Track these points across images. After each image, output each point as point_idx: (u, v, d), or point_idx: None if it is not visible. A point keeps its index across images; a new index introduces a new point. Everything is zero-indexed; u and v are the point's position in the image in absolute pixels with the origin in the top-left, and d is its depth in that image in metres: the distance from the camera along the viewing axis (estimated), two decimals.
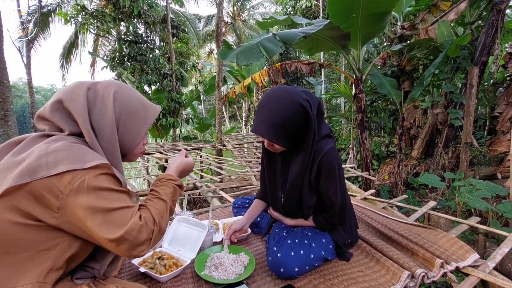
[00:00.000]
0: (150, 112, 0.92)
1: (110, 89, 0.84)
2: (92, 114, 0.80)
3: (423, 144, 5.34)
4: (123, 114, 0.85)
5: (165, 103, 8.31)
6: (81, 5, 7.61)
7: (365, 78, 4.41)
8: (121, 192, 0.77)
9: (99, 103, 0.82)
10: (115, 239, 0.71)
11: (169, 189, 0.91)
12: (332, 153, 1.11)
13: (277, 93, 1.05)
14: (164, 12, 8.36)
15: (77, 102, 0.79)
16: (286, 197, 1.22)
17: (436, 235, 1.38)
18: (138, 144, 0.91)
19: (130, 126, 0.87)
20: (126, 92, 0.87)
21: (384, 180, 5.25)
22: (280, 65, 4.56)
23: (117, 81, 0.90)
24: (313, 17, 11.71)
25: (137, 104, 0.88)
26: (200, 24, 16.31)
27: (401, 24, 5.07)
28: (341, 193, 1.13)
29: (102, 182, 0.73)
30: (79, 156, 0.71)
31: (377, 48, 7.28)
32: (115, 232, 0.71)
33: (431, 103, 5.31)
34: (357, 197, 2.15)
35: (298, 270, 1.09)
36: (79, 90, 0.81)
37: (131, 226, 0.74)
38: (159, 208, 0.84)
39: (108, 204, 0.72)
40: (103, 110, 0.81)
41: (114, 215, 0.73)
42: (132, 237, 0.74)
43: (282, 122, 1.02)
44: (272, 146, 1.12)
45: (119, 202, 0.75)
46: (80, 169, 0.70)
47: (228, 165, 4.02)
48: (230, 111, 19.06)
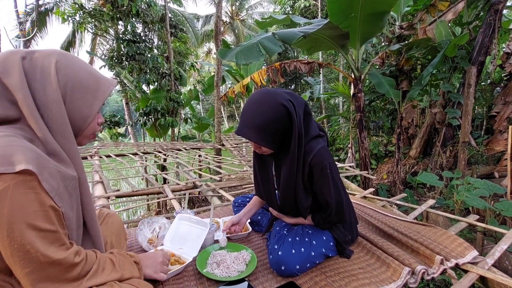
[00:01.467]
0: (103, 86, 0.79)
1: (51, 59, 0.71)
2: (32, 88, 0.68)
3: (421, 143, 5.37)
4: (69, 88, 0.72)
5: (163, 102, 8.29)
6: (79, 4, 7.57)
7: (364, 78, 4.43)
8: (50, 209, 0.64)
9: (39, 75, 0.69)
10: (36, 263, 0.61)
11: (121, 257, 0.83)
12: (323, 153, 1.10)
13: (259, 95, 1.05)
14: (162, 11, 8.34)
15: (12, 75, 0.66)
16: (281, 199, 1.23)
17: (436, 232, 1.39)
18: (90, 123, 0.78)
19: (78, 101, 0.74)
20: (72, 63, 0.75)
21: (382, 179, 5.27)
22: (279, 64, 4.56)
23: (60, 50, 0.77)
24: (312, 16, 11.73)
25: (86, 76, 0.76)
26: (199, 24, 16.29)
27: (400, 24, 5.09)
28: (336, 192, 1.12)
29: (30, 194, 0.61)
30: (5, 155, 0.59)
31: (376, 48, 7.31)
32: (38, 255, 0.61)
33: (429, 103, 5.34)
34: (356, 196, 2.16)
35: (299, 267, 1.10)
36: (12, 59, 0.67)
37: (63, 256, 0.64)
38: (105, 265, 0.77)
39: (32, 221, 0.61)
40: (44, 83, 0.69)
41: (38, 237, 0.62)
42: (54, 270, 0.64)
43: (264, 124, 1.02)
44: (260, 148, 1.12)
45: (46, 222, 0.63)
46: (5, 173, 0.58)
47: (227, 164, 4.02)
48: (229, 111, 19.06)
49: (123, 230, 1.20)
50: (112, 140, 10.34)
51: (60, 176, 0.68)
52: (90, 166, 3.75)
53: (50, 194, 0.64)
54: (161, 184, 2.76)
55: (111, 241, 1.07)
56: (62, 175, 0.69)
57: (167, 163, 4.93)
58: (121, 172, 3.52)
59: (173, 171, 4.01)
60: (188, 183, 2.85)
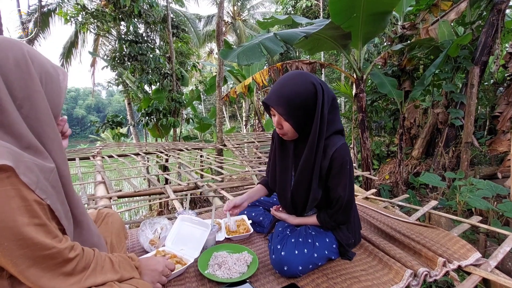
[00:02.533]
0: (60, 73, 0.77)
1: (23, 49, 0.68)
2: (7, 81, 0.64)
3: (424, 143, 5.35)
4: (43, 80, 0.70)
5: (165, 102, 8.30)
6: (81, 5, 7.60)
7: (366, 78, 4.42)
8: (34, 203, 0.63)
9: (14, 66, 0.65)
10: (32, 257, 0.61)
11: (121, 258, 0.83)
12: (344, 149, 1.13)
13: (293, 72, 1.13)
14: (164, 12, 8.35)
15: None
16: (294, 186, 1.22)
17: (438, 234, 1.39)
18: (57, 119, 0.75)
19: (51, 92, 0.72)
20: (38, 53, 0.72)
21: (384, 179, 5.25)
22: (281, 64, 4.56)
23: (20, 40, 0.75)
24: (314, 16, 11.71)
25: (50, 65, 0.74)
26: (200, 24, 16.32)
27: (402, 23, 5.07)
28: (350, 190, 1.15)
29: (9, 190, 0.59)
30: None
31: (378, 48, 7.29)
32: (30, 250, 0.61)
33: (432, 103, 5.32)
34: (358, 197, 2.15)
35: (302, 268, 1.10)
36: None
37: (56, 247, 0.64)
38: (104, 263, 0.76)
39: (18, 217, 0.59)
40: (22, 74, 0.65)
41: (27, 231, 0.61)
42: (49, 262, 0.64)
43: (290, 95, 1.06)
44: (281, 127, 1.13)
45: (31, 216, 0.62)
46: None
47: (229, 164, 4.03)
48: (230, 111, 19.06)
49: (123, 229, 1.20)
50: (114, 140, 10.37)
51: (38, 169, 0.65)
52: (92, 166, 3.77)
53: (31, 187, 0.62)
54: (163, 185, 2.76)
55: (111, 240, 1.07)
56: (40, 167, 0.66)
57: (169, 164, 4.94)
58: (123, 172, 3.53)
59: (175, 172, 4.02)
60: (189, 184, 2.86)
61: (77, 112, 46.50)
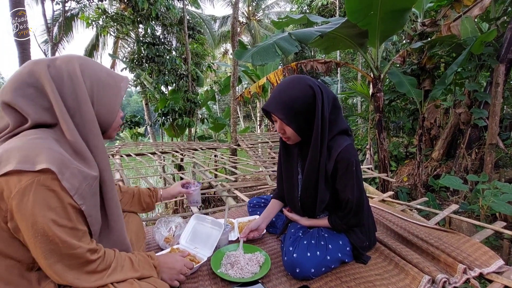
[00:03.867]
0: (119, 81, 0.85)
1: (74, 63, 0.77)
2: (62, 93, 0.73)
3: (445, 145, 5.14)
4: (95, 88, 0.79)
5: (181, 103, 8.46)
6: (102, 9, 7.89)
7: (384, 77, 4.31)
8: (69, 207, 0.69)
9: (67, 79, 0.74)
10: (60, 252, 0.68)
11: (141, 257, 0.88)
12: (350, 149, 1.10)
13: (290, 77, 1.13)
14: (180, 14, 8.51)
15: (43, 83, 0.72)
16: (302, 189, 1.21)
17: (459, 239, 1.33)
18: (116, 117, 0.86)
19: (104, 99, 0.80)
20: (91, 65, 0.81)
21: (402, 182, 5.10)
22: (296, 64, 4.53)
23: (76, 54, 0.83)
24: (329, 15, 11.54)
25: (105, 75, 0.82)
26: (216, 25, 16.49)
27: (422, 20, 4.90)
28: (358, 191, 1.12)
29: (51, 191, 0.66)
30: (30, 155, 0.64)
31: (396, 46, 7.09)
32: (58, 241, 0.67)
33: (453, 103, 5.11)
34: (374, 199, 2.11)
35: (314, 271, 1.09)
36: (39, 69, 0.72)
37: (80, 247, 0.70)
38: (124, 262, 0.81)
39: (53, 215, 0.66)
40: (73, 86, 0.74)
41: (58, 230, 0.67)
42: (69, 258, 0.69)
43: (289, 100, 1.07)
44: (283, 131, 1.14)
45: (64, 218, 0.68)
46: (28, 171, 0.63)
47: (243, 164, 4.05)
48: (245, 111, 19.15)
49: (142, 229, 1.24)
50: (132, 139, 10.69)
51: (82, 176, 0.71)
52: (112, 164, 3.89)
53: (70, 192, 0.68)
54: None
55: (130, 239, 1.11)
56: (84, 175, 0.72)
57: (184, 163, 5.03)
58: (141, 171, 3.63)
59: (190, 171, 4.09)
60: (204, 183, 2.90)
61: None
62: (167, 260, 1.00)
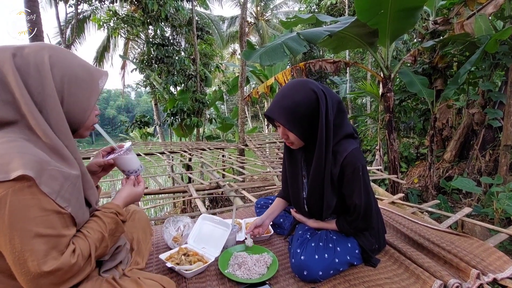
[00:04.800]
0: (96, 77, 0.78)
1: (43, 53, 0.69)
2: (28, 85, 0.66)
3: (457, 146, 5.02)
4: (65, 82, 0.71)
5: (189, 103, 8.54)
6: (113, 11, 8.03)
7: (394, 77, 4.23)
8: (52, 213, 0.64)
9: (34, 71, 0.67)
10: (35, 273, 0.60)
11: (113, 225, 0.81)
12: (356, 154, 1.08)
13: (293, 81, 1.11)
14: (189, 15, 8.58)
15: (5, 73, 0.64)
16: (308, 195, 1.20)
17: (472, 243, 1.30)
18: (90, 116, 0.78)
19: (76, 95, 0.73)
20: (65, 56, 0.73)
21: (413, 183, 5.00)
22: (304, 64, 4.50)
23: (49, 43, 0.76)
24: (339, 14, 11.42)
25: (80, 69, 0.75)
26: (224, 25, 16.54)
27: (434, 19, 4.80)
28: (366, 196, 1.09)
29: (29, 200, 0.60)
30: (2, 163, 0.59)
31: (407, 45, 6.96)
32: (36, 265, 0.60)
33: (467, 103, 4.98)
34: (384, 201, 2.07)
35: (322, 274, 1.08)
36: (2, 57, 0.65)
37: (61, 263, 0.63)
38: (98, 243, 0.75)
39: (33, 227, 0.60)
40: (40, 79, 0.67)
41: (39, 243, 0.61)
42: (54, 277, 0.63)
43: (292, 105, 1.04)
44: (287, 136, 1.12)
45: (47, 227, 0.62)
46: (2, 181, 0.58)
47: (251, 164, 4.05)
48: (253, 111, 19.16)
49: (149, 225, 1.25)
50: (142, 139, 10.84)
51: (63, 177, 0.66)
52: None
53: (51, 196, 0.63)
54: (186, 183, 2.84)
55: (137, 236, 1.12)
56: (65, 175, 0.67)
57: (192, 163, 5.06)
58: (150, 170, 3.68)
59: (198, 171, 4.11)
60: (211, 183, 2.91)
61: (109, 112, 49.12)
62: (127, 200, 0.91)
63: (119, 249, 0.93)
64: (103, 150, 1.02)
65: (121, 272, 0.90)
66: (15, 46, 0.68)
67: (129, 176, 0.97)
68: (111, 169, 1.05)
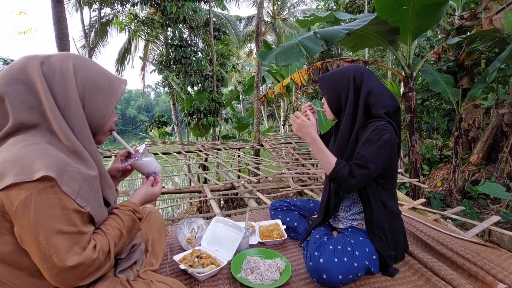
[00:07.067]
0: (116, 85, 0.83)
1: (68, 62, 0.75)
2: (53, 91, 0.71)
3: (485, 148, 4.75)
4: (87, 89, 0.76)
5: (206, 103, 8.65)
6: (134, 14, 8.29)
7: (416, 75, 4.06)
8: (73, 212, 0.68)
9: (58, 77, 0.72)
10: (60, 267, 0.64)
11: (130, 222, 0.84)
12: (389, 129, 1.09)
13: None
14: (207, 16, 8.69)
15: (33, 80, 0.70)
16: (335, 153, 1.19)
17: (500, 255, 1.21)
18: (108, 121, 0.83)
19: (96, 101, 0.78)
20: (87, 65, 0.79)
21: (436, 187, 4.79)
22: (321, 63, 4.42)
23: (74, 53, 0.81)
24: (358, 11, 11.13)
25: (101, 77, 0.80)
26: (241, 25, 16.61)
27: (460, 14, 4.55)
28: (374, 157, 1.06)
29: (52, 199, 0.64)
30: (26, 165, 0.62)
31: (431, 42, 6.66)
32: (60, 260, 0.64)
33: (496, 102, 4.69)
34: (404, 207, 1.99)
35: (342, 278, 1.04)
36: (31, 65, 0.71)
37: (83, 258, 0.67)
38: (117, 239, 0.78)
39: (56, 224, 0.64)
40: (64, 85, 0.73)
41: (62, 240, 0.65)
42: (78, 271, 0.67)
43: (329, 75, 1.27)
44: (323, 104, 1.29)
45: (69, 224, 0.66)
46: (27, 182, 0.61)
47: (266, 165, 4.03)
48: (269, 111, 19.11)
49: (164, 227, 1.27)
50: (160, 138, 11.11)
51: (82, 177, 0.70)
52: None
53: (72, 196, 0.67)
54: (201, 184, 2.87)
55: (152, 237, 1.13)
56: (84, 176, 0.71)
57: (208, 163, 5.12)
58: (167, 169, 3.76)
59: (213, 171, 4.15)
60: (226, 184, 2.92)
61: (130, 112, 50.90)
62: (142, 199, 0.95)
63: (134, 247, 0.95)
64: (121, 155, 1.07)
65: (136, 273, 0.91)
66: (43, 55, 0.75)
67: (148, 176, 1.01)
68: (130, 173, 1.09)
